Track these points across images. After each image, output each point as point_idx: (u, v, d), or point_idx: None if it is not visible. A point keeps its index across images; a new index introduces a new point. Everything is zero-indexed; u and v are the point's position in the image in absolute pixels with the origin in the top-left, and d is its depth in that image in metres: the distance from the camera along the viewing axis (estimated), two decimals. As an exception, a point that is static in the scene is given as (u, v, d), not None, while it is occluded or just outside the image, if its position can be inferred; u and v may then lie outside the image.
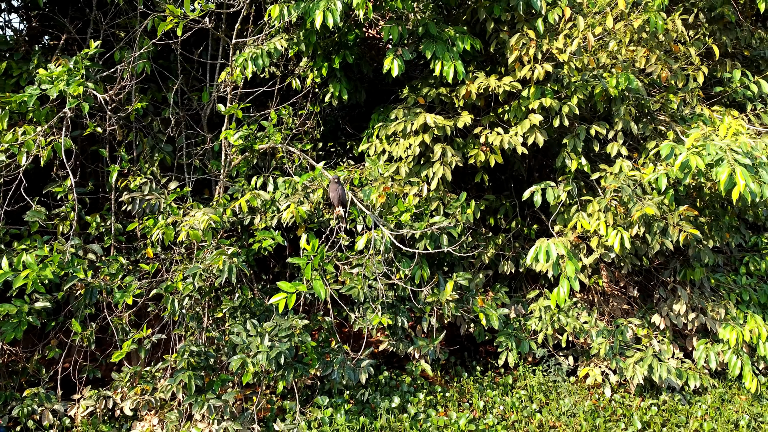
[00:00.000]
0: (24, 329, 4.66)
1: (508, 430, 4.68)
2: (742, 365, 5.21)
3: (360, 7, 4.35)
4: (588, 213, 4.86)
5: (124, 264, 4.83)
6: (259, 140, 5.36)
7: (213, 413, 4.45)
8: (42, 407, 4.48)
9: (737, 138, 4.18)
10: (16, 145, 4.73)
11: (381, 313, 4.88)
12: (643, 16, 4.46)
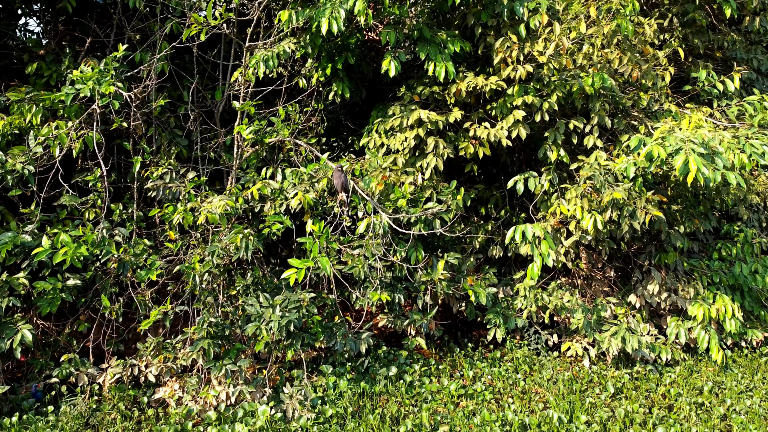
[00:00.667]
0: (57, 304, 5.27)
1: (494, 395, 5.25)
2: (710, 339, 5.78)
3: (361, 14, 4.93)
4: (567, 199, 5.43)
5: (147, 245, 5.41)
6: (268, 134, 5.94)
7: (229, 378, 5.03)
8: (77, 371, 5.06)
9: (696, 131, 4.76)
10: (51, 138, 5.32)
11: (380, 290, 5.45)
12: (614, 22, 5.04)
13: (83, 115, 5.51)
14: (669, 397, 5.19)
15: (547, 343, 6.29)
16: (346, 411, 4.77)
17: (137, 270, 5.25)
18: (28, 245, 5.13)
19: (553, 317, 6.36)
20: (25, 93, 5.57)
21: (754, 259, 6.61)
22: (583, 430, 4.44)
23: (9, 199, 5.65)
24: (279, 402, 4.86)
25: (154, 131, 6.13)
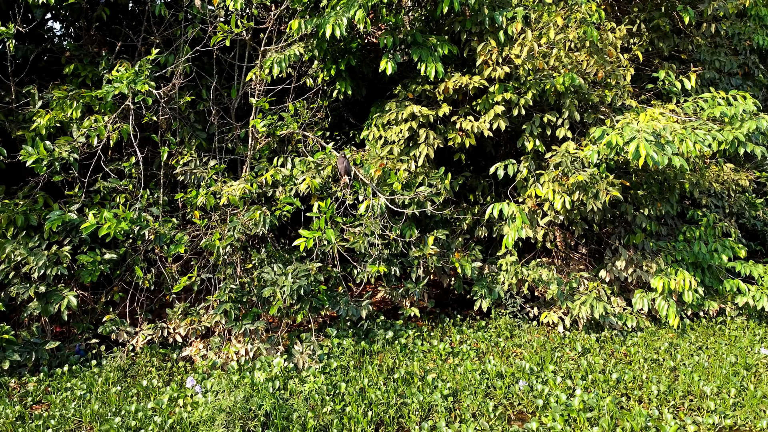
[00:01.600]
0: (97, 275, 6.14)
1: (477, 354, 6.11)
2: (668, 308, 6.64)
3: (361, 22, 5.81)
4: (541, 184, 6.30)
5: (176, 223, 6.29)
6: (279, 128, 6.82)
7: (247, 336, 5.90)
8: (117, 329, 5.93)
9: (650, 123, 5.63)
10: (92, 130, 6.19)
11: (378, 264, 6.31)
12: (580, 29, 5.91)
13: (118, 110, 6.39)
14: (629, 355, 6.05)
15: (528, 315, 7.16)
16: (348, 364, 5.62)
17: (164, 246, 6.12)
18: (73, 222, 6.01)
19: (534, 292, 7.23)
20: (67, 91, 6.46)
21: (715, 240, 7.49)
22: (550, 376, 5.30)
23: (49, 186, 6.53)
24: (291, 356, 5.72)
25: (178, 125, 7.01)
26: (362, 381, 5.18)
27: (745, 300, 6.91)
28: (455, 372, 5.51)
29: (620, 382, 5.24)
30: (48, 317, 6.09)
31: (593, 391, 4.98)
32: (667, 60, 7.89)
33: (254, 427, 4.32)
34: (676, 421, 4.41)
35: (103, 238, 6.27)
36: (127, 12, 7.51)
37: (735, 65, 8.36)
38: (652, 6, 7.54)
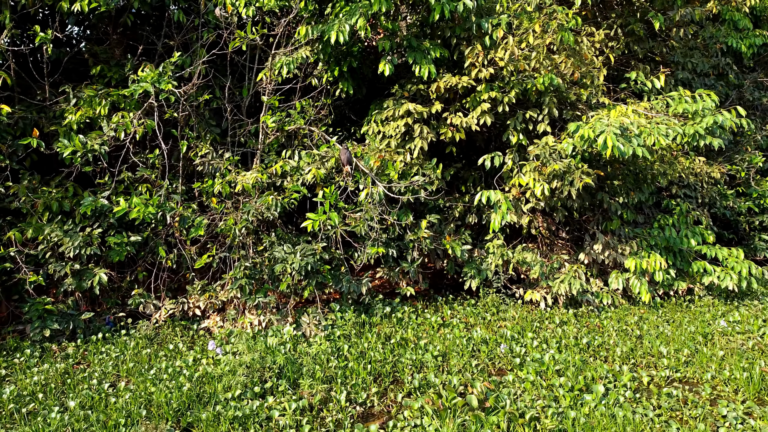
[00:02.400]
0: (124, 255, 6.93)
1: (466, 326, 6.88)
2: (640, 286, 7.42)
3: (362, 29, 6.60)
4: (524, 173, 7.09)
5: (195, 209, 7.07)
6: (287, 123, 7.60)
7: (260, 309, 6.68)
8: (144, 301, 6.72)
9: (619, 118, 6.42)
10: (120, 125, 6.98)
11: (377, 245, 7.09)
12: (557, 34, 6.69)
13: (143, 107, 7.18)
14: (602, 327, 6.82)
15: (514, 295, 7.93)
16: (350, 333, 6.40)
17: (184, 231, 6.90)
18: (103, 208, 6.79)
19: (520, 274, 8.01)
20: (96, 90, 7.25)
21: (686, 227, 8.27)
22: (528, 342, 6.07)
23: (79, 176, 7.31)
24: (299, 326, 6.50)
25: (195, 121, 7.79)
26: (362, 345, 5.96)
27: (711, 279, 7.69)
28: (445, 339, 6.28)
29: (590, 345, 6.02)
30: (81, 292, 6.87)
31: (565, 352, 5.76)
32: (643, 62, 8.67)
33: (270, 377, 5.10)
34: (632, 373, 5.18)
35: (128, 222, 7.09)
36: (149, 18, 8.30)
37: (707, 66, 9.15)
38: (628, 12, 8.33)
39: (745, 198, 9.74)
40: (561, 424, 4.22)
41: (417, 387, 4.95)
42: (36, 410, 4.53)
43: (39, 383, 5.07)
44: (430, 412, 4.35)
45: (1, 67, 7.09)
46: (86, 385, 5.03)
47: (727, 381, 5.07)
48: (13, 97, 7.25)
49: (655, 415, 4.41)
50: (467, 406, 4.41)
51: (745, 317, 7.04)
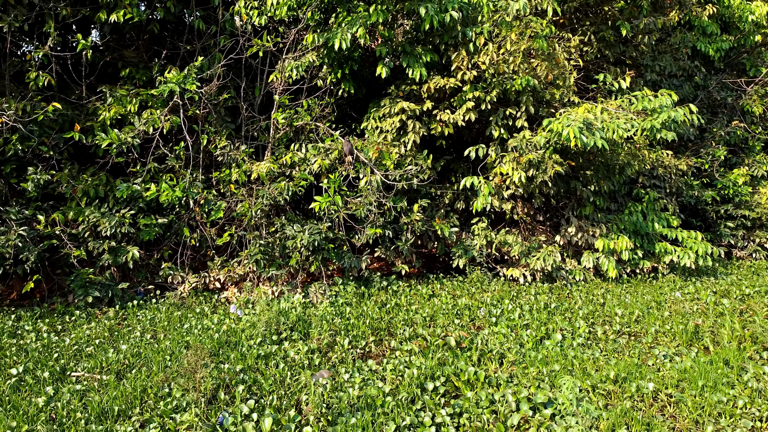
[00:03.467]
0: (153, 234, 8.02)
1: (453, 296, 7.96)
2: (608, 263, 8.51)
3: (362, 37, 7.69)
4: (504, 163, 8.18)
5: (215, 195, 8.17)
6: (296, 119, 8.70)
7: (273, 281, 7.77)
8: (173, 273, 7.81)
9: (584, 114, 7.51)
10: (149, 121, 8.08)
11: (375, 227, 8.18)
12: (532, 41, 7.79)
13: (169, 105, 8.28)
14: (571, 296, 7.91)
15: (498, 273, 9.02)
16: (351, 300, 7.49)
17: (205, 214, 8.00)
18: (134, 193, 7.89)
19: (503, 255, 9.10)
20: (128, 90, 8.36)
21: (653, 213, 9.36)
22: (505, 306, 7.16)
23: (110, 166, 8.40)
24: (307, 295, 7.59)
25: (213, 117, 8.89)
26: (362, 309, 7.05)
27: (671, 258, 8.78)
28: (433, 306, 7.37)
29: (557, 309, 7.11)
30: (116, 267, 7.96)
31: (534, 314, 6.85)
32: (615, 64, 9.77)
33: (284, 330, 6.18)
34: (588, 328, 6.27)
35: (155, 207, 8.19)
36: (171, 26, 9.40)
37: (675, 68, 10.26)
38: (601, 20, 9.43)
39: (711, 189, 10.83)
40: (522, 358, 5.30)
41: (407, 338, 6.03)
42: (94, 352, 5.61)
43: (91, 336, 6.16)
44: (417, 351, 5.44)
45: (44, 69, 8.19)
46: (131, 337, 6.12)
47: (667, 333, 6.16)
48: (54, 96, 8.35)
49: (601, 355, 5.49)
50: (447, 346, 5.50)
51: (698, 289, 8.13)
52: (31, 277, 7.38)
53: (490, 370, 5.03)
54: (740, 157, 11.58)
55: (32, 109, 7.78)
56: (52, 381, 4.83)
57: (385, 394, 4.44)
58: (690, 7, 9.40)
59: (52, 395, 4.49)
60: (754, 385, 4.60)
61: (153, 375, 4.90)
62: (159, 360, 5.27)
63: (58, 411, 4.21)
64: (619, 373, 4.82)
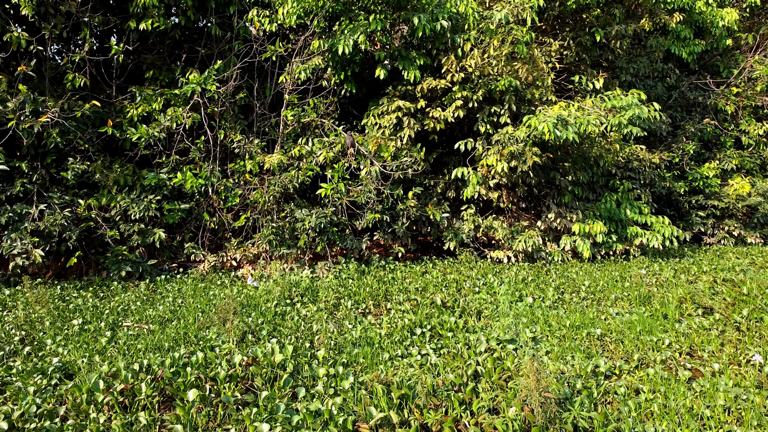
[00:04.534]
0: (177, 218, 9.16)
1: (443, 273, 9.07)
2: (583, 245, 9.63)
3: (363, 43, 8.83)
4: (490, 155, 9.31)
5: (231, 183, 9.30)
6: (303, 116, 9.84)
7: (283, 259, 8.90)
8: (195, 251, 8.94)
9: (559, 111, 8.64)
10: (173, 117, 9.22)
11: (374, 212, 9.30)
12: (513, 46, 8.92)
13: (190, 103, 9.42)
14: (549, 274, 9.03)
15: (485, 256, 10.15)
16: (353, 275, 8.61)
17: (222, 201, 9.13)
18: (161, 181, 9.02)
19: (491, 240, 10.22)
20: (153, 90, 9.50)
21: (627, 201, 10.49)
22: (488, 279, 8.27)
23: (138, 160, 9.53)
24: (314, 271, 8.72)
25: (229, 115, 10.03)
26: (363, 281, 8.17)
27: (641, 240, 9.90)
28: (425, 280, 8.50)
29: (533, 281, 8.23)
30: (144, 247, 9.09)
31: (511, 285, 7.97)
32: (592, 67, 10.90)
33: (296, 296, 7.31)
34: (557, 295, 7.39)
35: (177, 194, 9.32)
36: (189, 32, 10.55)
37: (648, 70, 11.39)
38: (579, 27, 10.57)
39: (683, 181, 11.96)
40: (496, 314, 6.43)
41: (401, 301, 7.16)
42: (137, 311, 6.74)
43: (131, 300, 7.29)
44: (409, 309, 6.57)
45: (80, 71, 9.33)
46: (165, 301, 7.24)
47: (624, 298, 7.28)
48: (88, 96, 9.49)
49: (564, 313, 6.61)
50: (434, 305, 6.63)
51: (662, 267, 9.26)
52: (73, 253, 8.51)
53: (469, 322, 6.15)
54: (713, 152, 12.70)
55: (70, 107, 8.92)
56: (108, 329, 5.97)
57: (381, 336, 5.56)
58: (660, 14, 10.53)
59: (111, 337, 5.62)
60: (683, 330, 5.73)
61: (189, 325, 6.02)
62: (192, 315, 6.40)
63: (120, 346, 5.34)
64: (574, 323, 5.95)
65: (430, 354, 5.09)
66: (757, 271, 8.65)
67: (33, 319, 6.25)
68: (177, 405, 3.84)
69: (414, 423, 3.51)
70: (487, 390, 4.03)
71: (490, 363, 4.50)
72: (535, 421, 3.39)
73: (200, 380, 4.32)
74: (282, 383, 4.22)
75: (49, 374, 4.60)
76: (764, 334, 5.55)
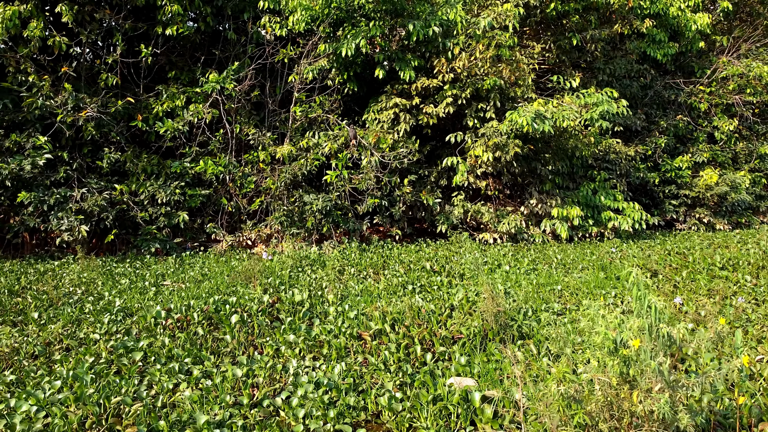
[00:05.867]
0: (198, 202, 10.50)
1: (434, 250, 10.39)
2: (561, 227, 10.96)
3: (364, 46, 10.17)
4: (477, 147, 10.64)
5: (245, 172, 10.64)
6: (310, 112, 11.18)
7: (293, 238, 10.23)
8: (216, 231, 10.28)
9: (538, 107, 9.98)
10: (194, 113, 10.56)
11: (374, 198, 10.63)
12: (497, 50, 10.26)
13: (209, 100, 10.77)
14: (528, 251, 10.35)
15: (474, 238, 11.47)
16: (355, 252, 9.94)
17: (238, 188, 10.48)
18: (185, 169, 10.37)
19: (479, 224, 11.55)
20: (177, 88, 10.86)
21: (603, 189, 11.82)
22: (476, 255, 9.59)
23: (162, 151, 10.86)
24: (321, 248, 10.05)
25: (244, 111, 11.38)
26: (364, 256, 9.51)
27: (613, 223, 11.23)
28: (419, 255, 9.82)
29: (513, 255, 9.56)
30: (170, 227, 10.43)
31: (492, 258, 9.29)
32: (572, 68, 12.25)
33: (306, 265, 8.64)
34: (531, 265, 8.71)
35: (197, 181, 10.67)
36: (207, 36, 11.92)
37: (624, 71, 12.73)
38: (559, 31, 11.91)
39: (657, 172, 13.29)
40: (475, 278, 7.76)
41: (397, 269, 8.49)
42: (171, 275, 8.06)
43: (163, 270, 8.63)
44: (402, 273, 7.91)
45: (112, 71, 10.68)
46: (193, 269, 8.58)
47: (589, 267, 8.60)
48: (119, 94, 10.84)
49: (536, 278, 7.93)
50: (424, 269, 7.96)
51: (630, 247, 10.59)
52: (110, 232, 9.86)
53: (453, 282, 7.48)
54: (686, 147, 14.03)
55: (104, 103, 10.27)
56: (152, 286, 7.30)
57: (379, 290, 6.90)
58: (631, 20, 11.87)
59: (156, 291, 6.96)
60: (628, 286, 7.05)
61: (219, 283, 7.36)
62: (220, 278, 7.74)
63: (164, 297, 6.67)
64: (539, 281, 7.28)
65: (419, 300, 6.42)
66: (713, 249, 9.98)
67: (87, 281, 7.59)
68: (223, 326, 5.18)
69: (400, 332, 4.84)
70: (460, 317, 5.36)
71: (464, 301, 5.83)
72: (491, 327, 4.71)
73: (237, 312, 5.65)
74: (301, 315, 5.56)
75: (115, 312, 5.93)
76: (694, 288, 6.88)
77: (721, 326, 2.83)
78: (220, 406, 3.58)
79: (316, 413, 3.47)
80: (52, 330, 5.18)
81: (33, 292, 6.89)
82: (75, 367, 4.23)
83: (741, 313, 5.66)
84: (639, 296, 2.80)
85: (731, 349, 4.32)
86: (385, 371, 4.16)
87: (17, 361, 4.47)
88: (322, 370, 4.21)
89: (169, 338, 4.93)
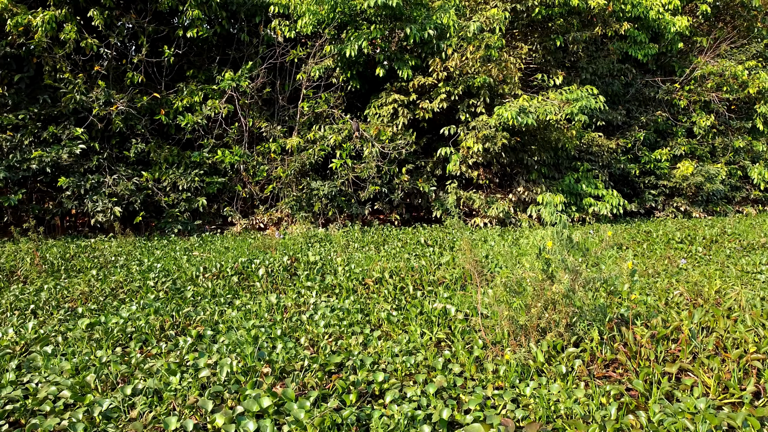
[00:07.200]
0: (215, 189, 11.80)
1: (429, 232, 11.67)
2: (546, 213, 12.24)
3: (366, 48, 11.47)
4: (468, 139, 11.94)
5: (258, 161, 11.94)
6: (316, 107, 12.48)
7: (302, 221, 11.53)
8: (232, 213, 11.58)
9: (522, 102, 11.28)
10: (212, 108, 11.86)
11: (375, 185, 11.91)
12: (487, 51, 11.55)
13: (225, 97, 12.07)
14: (515, 234, 11.63)
15: (466, 222, 12.76)
16: (358, 233, 11.22)
17: (251, 176, 11.77)
18: (203, 159, 11.67)
19: (472, 211, 12.84)
20: (195, 86, 12.16)
21: (585, 179, 13.12)
22: (464, 233, 10.87)
23: (182, 143, 12.16)
24: (327, 230, 11.33)
25: (256, 106, 12.67)
26: (366, 235, 10.80)
27: (593, 209, 12.52)
28: (416, 236, 11.10)
29: (500, 236, 10.84)
30: (190, 211, 11.72)
31: (479, 236, 10.57)
32: (558, 67, 13.55)
33: (315, 242, 9.92)
34: (507, 248, 10.01)
35: (214, 170, 11.96)
36: (222, 37, 13.23)
37: (606, 70, 14.03)
38: (545, 33, 13.21)
39: (637, 163, 14.58)
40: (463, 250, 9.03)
41: (395, 244, 9.78)
42: (197, 248, 9.34)
43: (187, 246, 9.91)
44: (400, 246, 9.20)
45: (137, 70, 11.98)
46: (215, 245, 9.87)
47: (565, 243, 9.88)
48: (143, 90, 12.14)
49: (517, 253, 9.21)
50: (419, 243, 9.25)
51: (606, 228, 11.87)
52: (138, 214, 11.15)
53: (445, 253, 8.77)
54: (666, 141, 15.32)
55: (131, 99, 11.56)
56: (182, 255, 8.59)
57: (380, 257, 8.19)
58: (611, 23, 13.17)
59: (187, 259, 8.24)
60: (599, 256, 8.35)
61: (242, 253, 8.65)
62: (241, 249, 9.03)
63: (197, 263, 7.96)
64: (515, 252, 8.58)
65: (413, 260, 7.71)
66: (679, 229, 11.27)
67: (125, 252, 8.88)
68: (252, 278, 6.47)
69: (396, 279, 6.14)
70: (445, 269, 6.65)
71: (450, 261, 7.12)
72: (470, 275, 6.00)
73: (263, 268, 6.94)
74: (315, 271, 6.85)
75: (157, 272, 7.21)
76: (650, 255, 8.17)
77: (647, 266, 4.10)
78: (260, 320, 4.87)
79: (333, 323, 4.76)
80: (113, 280, 6.47)
81: (83, 258, 8.19)
82: (142, 299, 5.52)
83: (680, 270, 6.95)
84: (558, 225, 4.06)
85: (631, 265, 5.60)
86: (384, 302, 5.45)
87: (94, 297, 5.77)
88: (336, 302, 5.50)
89: (211, 284, 6.22)
